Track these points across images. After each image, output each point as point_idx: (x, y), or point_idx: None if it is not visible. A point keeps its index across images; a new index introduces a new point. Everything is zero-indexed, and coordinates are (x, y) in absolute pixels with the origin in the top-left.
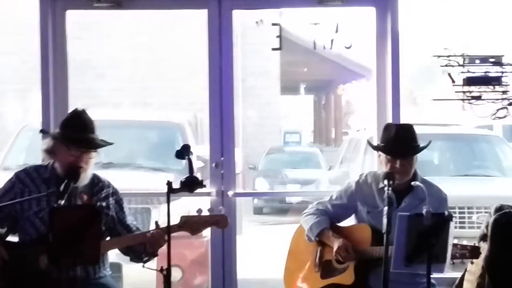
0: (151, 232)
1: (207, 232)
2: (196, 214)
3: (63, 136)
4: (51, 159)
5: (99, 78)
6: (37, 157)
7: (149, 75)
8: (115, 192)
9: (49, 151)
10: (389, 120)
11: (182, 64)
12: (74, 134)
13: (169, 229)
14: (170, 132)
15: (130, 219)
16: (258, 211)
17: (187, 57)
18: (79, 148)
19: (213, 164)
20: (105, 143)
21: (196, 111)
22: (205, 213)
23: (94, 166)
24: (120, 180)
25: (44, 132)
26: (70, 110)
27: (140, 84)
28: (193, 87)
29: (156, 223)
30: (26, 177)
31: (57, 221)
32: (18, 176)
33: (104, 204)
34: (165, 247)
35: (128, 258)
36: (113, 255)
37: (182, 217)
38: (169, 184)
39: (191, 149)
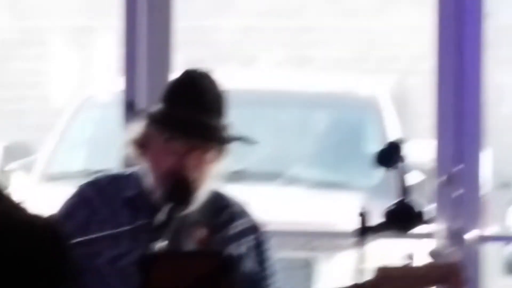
0: None
1: None
2: (405, 263)
3: (163, 115)
4: (140, 161)
5: (220, 8)
6: (108, 159)
7: (310, 5)
8: (254, 227)
9: (138, 145)
10: None
11: None
12: (182, 113)
13: None
14: (353, 114)
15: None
16: None
17: None
18: (186, 139)
19: (443, 179)
20: (236, 138)
21: (402, 73)
22: (422, 261)
23: (214, 176)
24: (261, 203)
25: (133, 107)
26: (173, 68)
27: (293, 21)
28: (397, 27)
29: None
30: (96, 196)
31: (153, 280)
32: (83, 193)
33: (235, 247)
34: None
35: None
36: None
37: (380, 270)
38: (362, 216)
39: (403, 150)
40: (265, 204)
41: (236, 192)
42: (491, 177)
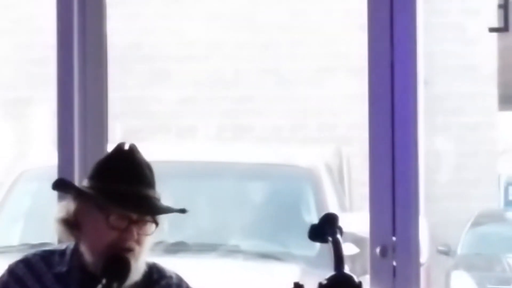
0: None
1: None
2: None
3: (100, 191)
4: (72, 238)
5: (157, 79)
6: (45, 233)
7: (247, 75)
8: None
9: (71, 222)
10: None
11: (314, 54)
12: (120, 188)
13: None
14: (291, 185)
15: None
16: None
17: (323, 41)
18: (129, 213)
19: (377, 250)
20: (173, 210)
21: (340, 143)
22: None
23: (151, 249)
24: (199, 275)
25: (63, 185)
26: (109, 141)
27: (230, 91)
28: (333, 96)
29: None
30: (26, 273)
31: None
32: (13, 272)
33: None
34: None
35: None
36: None
37: None
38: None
39: (339, 222)
40: (203, 276)
41: (173, 264)
42: (428, 245)
